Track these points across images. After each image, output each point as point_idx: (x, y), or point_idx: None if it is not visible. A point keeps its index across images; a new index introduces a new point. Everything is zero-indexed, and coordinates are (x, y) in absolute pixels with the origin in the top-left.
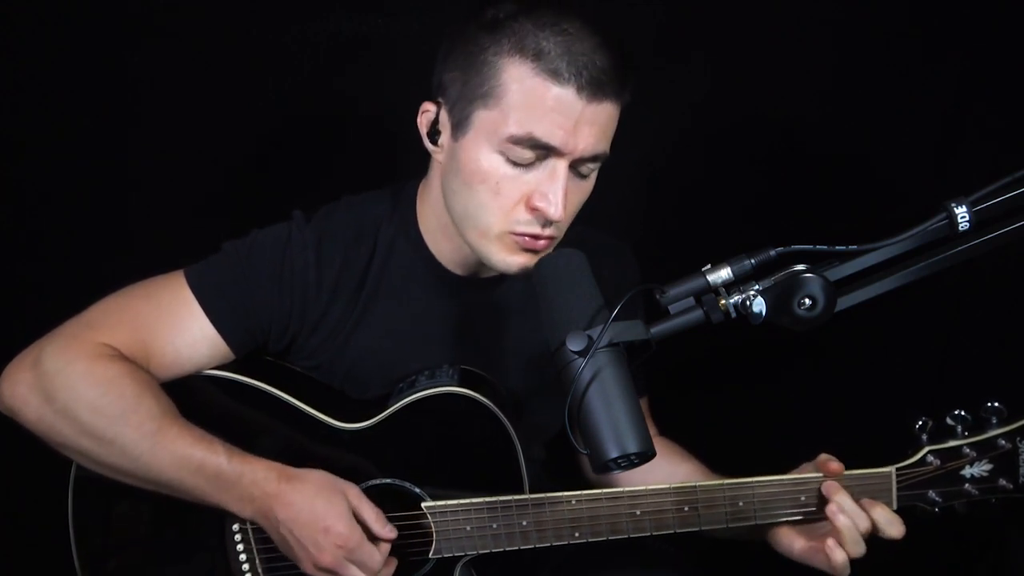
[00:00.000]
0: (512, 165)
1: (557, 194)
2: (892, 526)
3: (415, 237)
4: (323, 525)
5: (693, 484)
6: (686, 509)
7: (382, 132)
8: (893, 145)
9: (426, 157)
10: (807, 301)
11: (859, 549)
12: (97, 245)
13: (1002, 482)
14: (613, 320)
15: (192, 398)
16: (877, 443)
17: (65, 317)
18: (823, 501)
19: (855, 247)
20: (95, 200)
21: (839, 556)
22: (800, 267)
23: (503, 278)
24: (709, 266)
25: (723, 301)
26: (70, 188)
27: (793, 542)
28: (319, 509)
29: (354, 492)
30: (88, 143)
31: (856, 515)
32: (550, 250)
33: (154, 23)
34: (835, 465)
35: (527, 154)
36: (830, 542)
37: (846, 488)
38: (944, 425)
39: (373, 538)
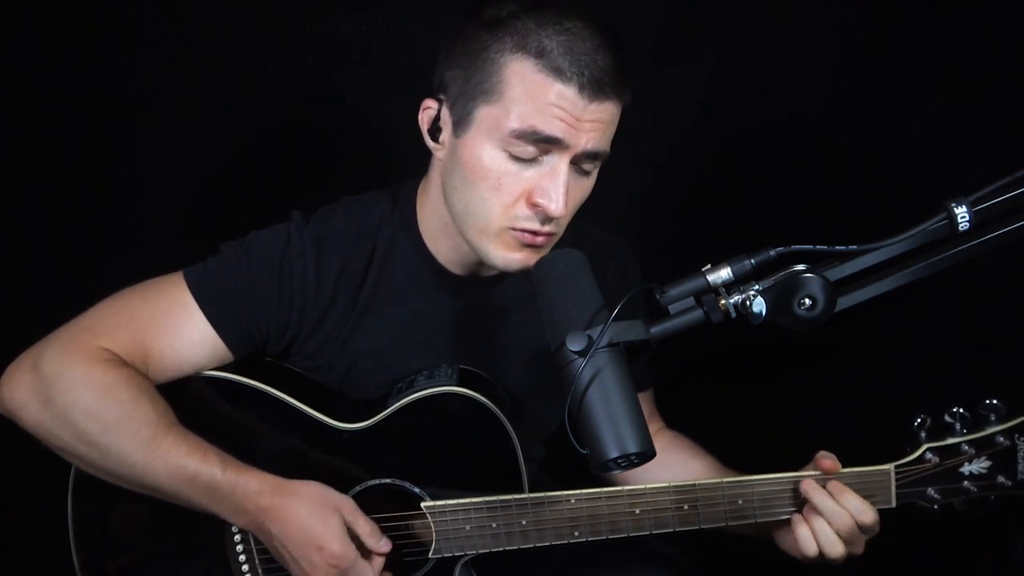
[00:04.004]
0: (514, 161)
1: (559, 190)
2: (863, 514)
3: (414, 237)
4: (317, 544)
5: (692, 483)
6: (686, 508)
7: (382, 132)
8: (893, 145)
9: (426, 156)
10: (807, 301)
11: (836, 550)
12: (96, 246)
13: (1000, 479)
14: (613, 320)
15: (191, 399)
16: (877, 441)
17: (66, 318)
18: None
19: (855, 247)
20: (94, 201)
21: (803, 529)
22: (800, 267)
23: (502, 278)
24: (709, 266)
25: (723, 301)
26: (69, 189)
27: (787, 537)
28: (313, 527)
29: (348, 507)
30: (86, 145)
31: (834, 513)
32: (550, 246)
33: (153, 24)
34: (827, 462)
35: (529, 149)
36: (796, 517)
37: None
38: (943, 423)
39: (367, 552)
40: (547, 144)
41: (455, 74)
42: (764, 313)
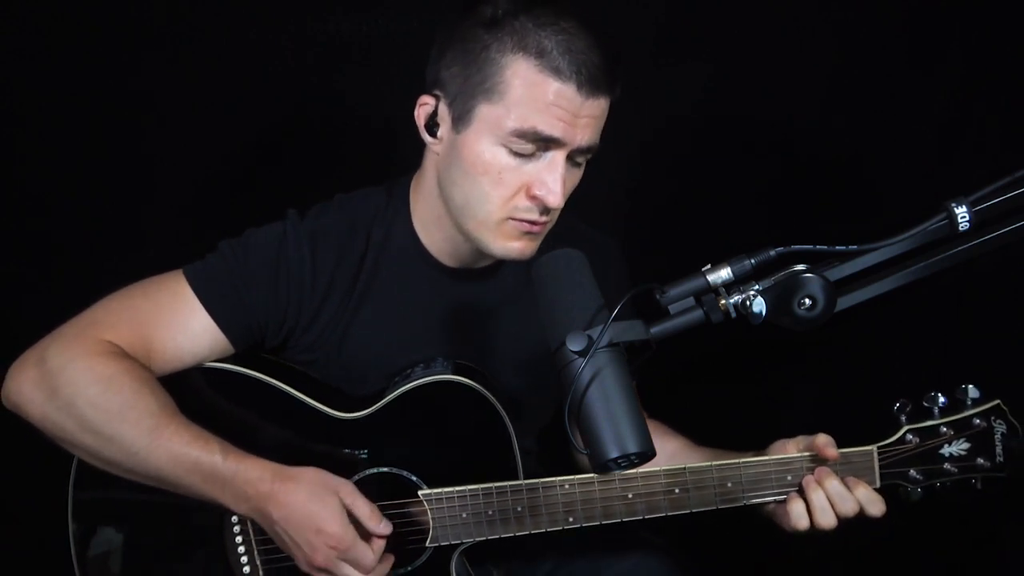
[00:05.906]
0: (513, 156)
1: (556, 183)
2: (873, 504)
3: (408, 230)
4: (316, 526)
5: (682, 467)
6: (677, 491)
7: (382, 132)
8: (893, 145)
9: (421, 153)
10: (807, 301)
11: (828, 519)
12: (96, 246)
13: (980, 460)
14: (613, 320)
15: (193, 390)
16: (869, 433)
17: (68, 316)
18: None
19: (855, 247)
20: (94, 201)
21: (796, 506)
22: (800, 267)
23: (495, 270)
24: (709, 266)
25: (723, 301)
26: (69, 189)
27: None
28: (312, 510)
29: (347, 489)
30: (86, 145)
31: (843, 498)
32: (544, 233)
33: (153, 24)
34: (832, 451)
35: (528, 146)
36: (793, 494)
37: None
38: (922, 407)
39: (367, 534)
40: (546, 142)
41: (454, 72)
42: (764, 313)
